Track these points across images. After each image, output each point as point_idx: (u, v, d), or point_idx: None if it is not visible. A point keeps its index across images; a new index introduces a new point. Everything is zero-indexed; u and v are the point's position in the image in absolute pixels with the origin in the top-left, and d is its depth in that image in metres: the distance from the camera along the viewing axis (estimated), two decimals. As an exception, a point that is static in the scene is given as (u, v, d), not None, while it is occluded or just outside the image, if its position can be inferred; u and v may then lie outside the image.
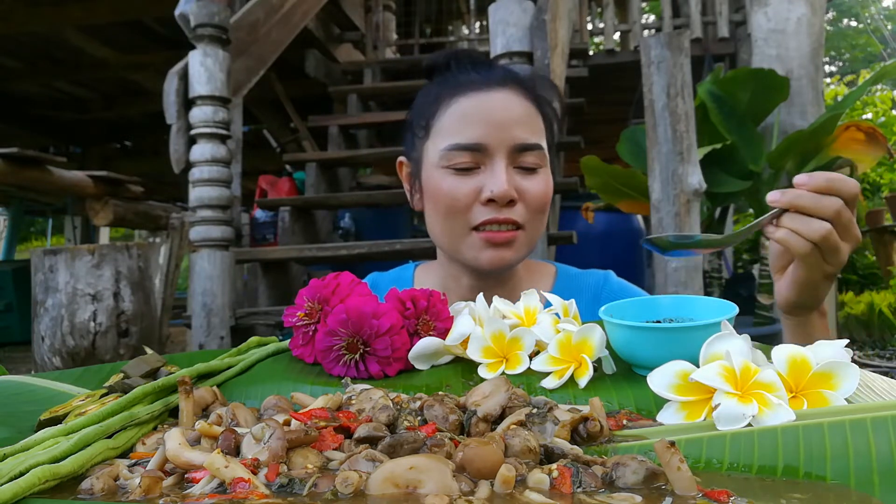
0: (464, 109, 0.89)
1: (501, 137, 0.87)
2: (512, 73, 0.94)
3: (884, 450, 0.41)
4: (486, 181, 0.86)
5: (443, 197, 0.89)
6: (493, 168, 0.86)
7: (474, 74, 0.91)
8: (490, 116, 0.87)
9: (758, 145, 3.26)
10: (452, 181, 0.88)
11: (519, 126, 0.88)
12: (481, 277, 0.95)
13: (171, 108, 2.50)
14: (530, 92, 0.92)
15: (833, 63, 15.21)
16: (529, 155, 0.88)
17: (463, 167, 0.88)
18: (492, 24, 2.30)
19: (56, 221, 10.17)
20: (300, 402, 0.56)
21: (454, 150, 0.87)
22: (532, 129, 0.89)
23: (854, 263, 5.70)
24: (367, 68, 4.39)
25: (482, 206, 0.87)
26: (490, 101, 0.88)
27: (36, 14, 4.20)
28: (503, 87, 0.90)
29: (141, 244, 2.21)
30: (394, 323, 0.63)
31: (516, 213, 0.88)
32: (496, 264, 0.89)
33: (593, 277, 1.04)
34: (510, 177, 0.87)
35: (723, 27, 4.37)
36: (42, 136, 6.53)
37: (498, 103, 0.88)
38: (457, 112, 0.89)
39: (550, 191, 0.92)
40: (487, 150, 0.87)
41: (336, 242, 3.54)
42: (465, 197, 0.87)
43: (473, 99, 0.89)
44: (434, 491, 0.36)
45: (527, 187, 0.88)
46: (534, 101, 0.92)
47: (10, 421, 0.53)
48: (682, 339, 0.55)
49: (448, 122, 0.90)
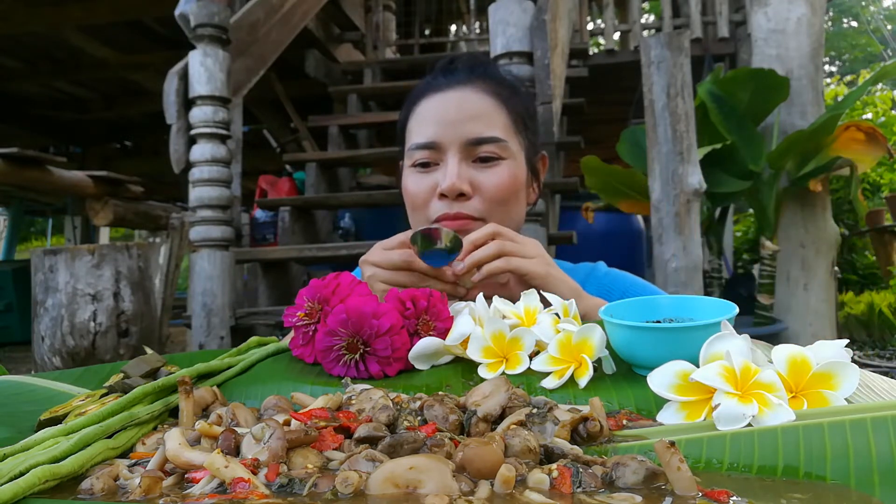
0: (423, 111, 0.95)
1: (454, 134, 0.91)
2: (478, 71, 0.98)
3: (884, 450, 0.41)
4: (440, 176, 0.91)
5: (407, 194, 0.96)
6: (447, 163, 0.91)
7: (440, 78, 0.98)
8: (444, 115, 0.92)
9: (758, 145, 3.26)
10: (414, 178, 0.95)
11: (473, 121, 0.92)
12: None
13: (171, 108, 2.50)
14: (494, 88, 0.95)
15: (833, 63, 15.21)
16: (486, 147, 0.91)
17: (422, 164, 0.93)
18: (492, 24, 2.30)
19: (56, 221, 10.17)
20: (300, 402, 0.56)
21: (414, 150, 0.94)
22: (489, 122, 0.92)
23: (854, 263, 5.70)
24: (367, 68, 4.39)
25: (438, 202, 0.92)
26: (445, 100, 0.94)
27: (36, 14, 4.20)
28: (463, 86, 0.95)
29: (141, 244, 2.21)
30: (394, 323, 0.63)
31: (469, 207, 0.91)
32: None
33: (584, 269, 1.08)
34: (462, 171, 0.90)
35: (723, 27, 4.36)
36: (42, 136, 6.54)
37: (452, 102, 0.93)
38: (419, 114, 0.96)
39: (514, 181, 0.93)
40: (441, 147, 0.92)
41: (336, 242, 3.54)
42: (423, 193, 0.93)
43: (432, 100, 0.95)
44: (434, 491, 0.36)
45: (482, 180, 0.91)
46: (495, 95, 0.95)
47: (10, 421, 0.53)
48: (682, 339, 0.55)
49: (413, 124, 0.97)
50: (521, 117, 0.97)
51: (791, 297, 3.47)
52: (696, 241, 2.37)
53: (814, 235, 3.47)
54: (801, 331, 3.39)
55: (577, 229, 2.86)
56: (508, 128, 0.94)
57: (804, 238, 3.47)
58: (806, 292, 3.45)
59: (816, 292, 3.45)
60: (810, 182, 3.24)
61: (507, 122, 0.95)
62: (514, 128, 0.95)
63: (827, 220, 3.52)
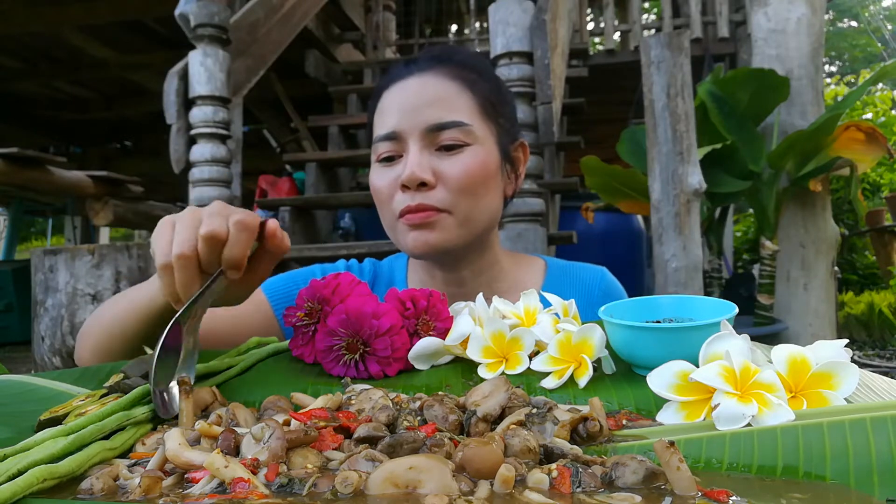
0: (384, 103, 0.90)
1: (413, 122, 0.86)
2: (441, 58, 0.92)
3: (883, 450, 0.41)
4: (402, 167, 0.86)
5: (373, 190, 0.91)
6: (409, 154, 0.86)
7: (402, 68, 0.92)
8: (403, 103, 0.87)
9: (758, 145, 3.26)
10: (378, 173, 0.90)
11: (432, 106, 0.86)
12: (447, 267, 0.94)
13: (171, 108, 2.49)
14: (457, 71, 0.90)
15: (833, 63, 15.20)
16: (448, 133, 0.86)
17: (385, 157, 0.89)
18: (492, 24, 2.30)
19: (56, 221, 10.16)
20: (300, 403, 0.56)
21: (377, 143, 0.89)
22: (450, 106, 0.87)
23: (854, 263, 5.70)
24: (367, 68, 4.39)
25: (401, 194, 0.87)
26: (405, 88, 0.88)
27: (36, 14, 4.20)
28: (423, 73, 0.89)
29: (141, 244, 2.21)
30: (394, 323, 0.64)
31: (433, 198, 0.85)
32: (421, 248, 0.87)
33: (588, 272, 1.04)
34: (424, 159, 0.85)
35: (723, 27, 4.37)
36: (42, 136, 6.54)
37: (411, 89, 0.88)
38: (380, 107, 0.91)
39: (481, 168, 0.87)
40: (402, 137, 0.87)
41: (336, 242, 3.54)
42: (387, 187, 0.88)
43: (392, 90, 0.90)
44: (434, 491, 0.36)
45: (445, 168, 0.86)
46: (459, 79, 0.89)
47: (10, 421, 0.53)
48: (682, 339, 0.55)
49: (376, 118, 0.92)
50: (489, 101, 0.91)
51: (791, 297, 3.47)
52: (696, 241, 2.37)
53: (814, 235, 3.47)
54: (801, 331, 3.39)
55: (577, 229, 2.86)
56: (474, 112, 0.88)
57: (804, 238, 3.47)
58: (806, 292, 3.45)
59: (816, 292, 3.45)
60: (810, 182, 3.24)
61: (473, 105, 0.89)
62: (481, 112, 0.89)
63: (827, 220, 3.52)
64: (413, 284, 1.01)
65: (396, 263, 1.05)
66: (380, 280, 1.04)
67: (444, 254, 0.90)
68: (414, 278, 1.01)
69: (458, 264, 0.94)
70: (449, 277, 0.95)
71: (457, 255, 0.92)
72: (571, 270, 1.04)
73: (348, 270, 1.03)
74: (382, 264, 1.06)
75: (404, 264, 1.04)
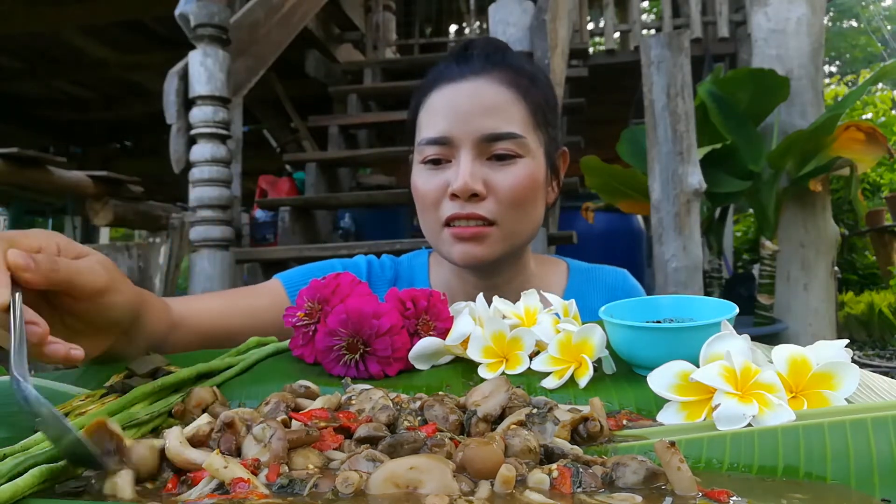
0: (434, 103, 0.88)
1: (467, 129, 0.84)
2: (494, 59, 0.89)
3: (884, 450, 0.41)
4: (452, 175, 0.85)
5: (417, 192, 0.89)
6: (459, 161, 0.84)
7: (454, 66, 0.89)
8: (456, 108, 0.85)
9: (758, 145, 3.26)
10: (424, 176, 0.88)
11: (488, 115, 0.84)
12: (483, 274, 0.94)
13: (171, 108, 2.49)
14: (512, 77, 0.88)
15: (833, 63, 15.21)
16: (502, 144, 0.84)
17: (433, 161, 0.87)
18: (492, 24, 2.30)
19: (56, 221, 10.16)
20: (300, 403, 0.56)
21: (424, 145, 0.87)
22: (506, 116, 0.85)
23: (854, 263, 5.70)
24: (367, 68, 4.39)
25: (450, 201, 0.85)
26: (458, 91, 0.86)
27: (36, 14, 4.20)
28: (478, 76, 0.87)
29: (141, 244, 2.21)
30: (394, 323, 0.63)
31: (483, 208, 0.84)
32: (467, 261, 0.87)
33: (611, 275, 1.03)
34: (476, 169, 0.84)
35: (723, 27, 4.37)
36: (42, 136, 6.53)
37: (466, 93, 0.86)
38: (430, 107, 0.88)
39: (532, 181, 0.86)
40: (453, 143, 0.85)
41: (336, 242, 3.54)
42: (434, 192, 0.86)
43: (445, 91, 0.87)
44: (434, 491, 0.36)
45: (497, 180, 0.84)
46: (514, 87, 0.87)
47: (11, 421, 0.53)
48: (683, 339, 0.55)
49: (424, 117, 0.89)
50: (540, 110, 0.89)
51: (791, 297, 3.47)
52: (696, 241, 2.37)
53: (814, 235, 3.47)
54: (801, 331, 3.39)
55: (577, 229, 2.86)
56: (527, 122, 0.87)
57: (804, 238, 3.47)
58: (806, 292, 3.45)
59: (816, 292, 3.45)
60: (810, 182, 3.24)
61: (526, 115, 0.87)
62: (533, 122, 0.87)
63: (827, 220, 3.52)
64: (437, 284, 1.00)
65: (416, 261, 1.04)
66: (401, 279, 1.02)
67: (488, 265, 0.90)
68: (438, 280, 1.00)
69: (495, 272, 0.94)
70: (481, 283, 0.94)
71: (496, 264, 0.91)
72: (594, 273, 1.03)
73: (368, 266, 1.02)
74: (402, 262, 1.05)
75: (425, 262, 1.03)
